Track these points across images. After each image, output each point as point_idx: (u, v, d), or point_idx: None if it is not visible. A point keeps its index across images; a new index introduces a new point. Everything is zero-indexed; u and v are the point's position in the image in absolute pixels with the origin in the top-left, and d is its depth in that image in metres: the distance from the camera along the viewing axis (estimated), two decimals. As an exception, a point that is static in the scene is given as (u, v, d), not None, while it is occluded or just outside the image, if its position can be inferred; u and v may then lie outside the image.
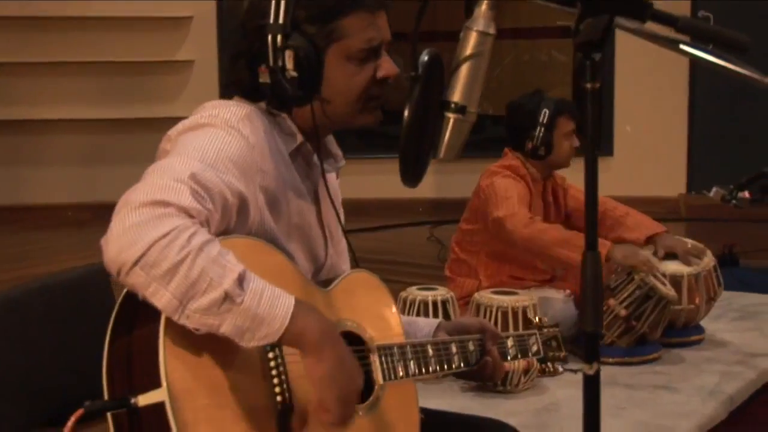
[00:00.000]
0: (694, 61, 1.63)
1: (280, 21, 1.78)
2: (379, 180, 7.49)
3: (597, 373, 1.49)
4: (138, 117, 7.76)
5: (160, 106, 7.75)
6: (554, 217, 4.14)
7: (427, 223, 7.56)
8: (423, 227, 7.50)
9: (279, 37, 1.78)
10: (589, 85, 1.44)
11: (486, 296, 3.52)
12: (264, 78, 1.81)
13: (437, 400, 3.14)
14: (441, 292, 3.58)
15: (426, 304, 3.52)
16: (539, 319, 2.39)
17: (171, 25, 7.95)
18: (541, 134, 3.95)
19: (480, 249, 4.03)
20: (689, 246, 3.98)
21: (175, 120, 1.84)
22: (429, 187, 7.72)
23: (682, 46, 1.63)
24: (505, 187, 3.89)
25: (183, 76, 7.99)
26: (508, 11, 9.31)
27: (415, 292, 3.56)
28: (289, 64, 1.79)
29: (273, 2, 1.79)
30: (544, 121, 3.95)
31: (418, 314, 3.48)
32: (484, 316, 3.42)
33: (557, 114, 3.97)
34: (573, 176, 4.36)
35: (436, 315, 3.48)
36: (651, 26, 1.57)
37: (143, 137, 7.33)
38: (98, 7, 7.78)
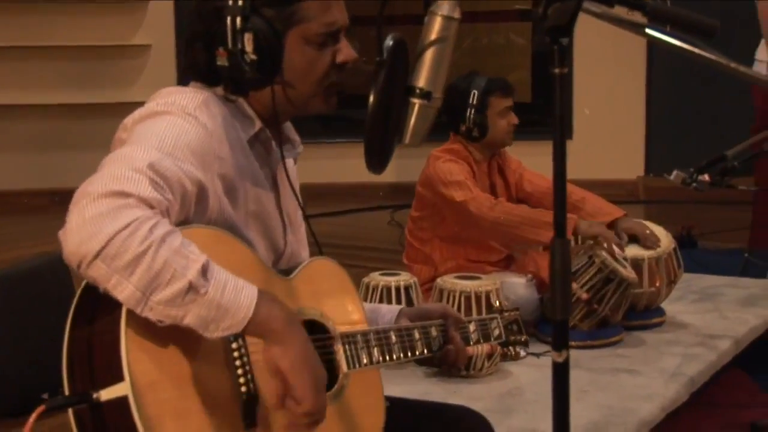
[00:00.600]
0: (653, 44, 1.62)
1: (240, 3, 1.76)
2: (340, 164, 7.48)
3: (566, 361, 1.48)
4: (94, 102, 7.69)
5: (116, 91, 7.68)
6: (503, 196, 4.12)
7: (387, 207, 7.56)
8: (383, 211, 7.50)
9: (238, 20, 1.75)
10: (557, 70, 1.42)
11: (449, 281, 3.51)
12: (222, 61, 1.78)
13: (400, 386, 3.14)
14: (404, 278, 3.57)
15: (389, 289, 3.50)
16: (500, 303, 2.39)
17: (127, 10, 7.87)
18: (472, 116, 3.92)
19: (432, 235, 4.03)
20: (648, 231, 4.00)
21: (132, 105, 1.81)
22: (389, 171, 7.56)
23: (648, 30, 1.63)
24: (449, 171, 3.88)
25: (140, 60, 7.92)
26: (466, -5, 9.27)
27: (377, 278, 3.55)
28: (249, 47, 1.76)
29: None
30: (474, 102, 3.92)
31: (380, 300, 3.47)
32: (447, 302, 3.42)
33: (487, 93, 3.94)
34: (530, 160, 4.37)
35: (399, 300, 3.47)
36: (617, 10, 1.56)
37: (100, 122, 7.25)
38: (53, -10, 7.69)
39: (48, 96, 7.79)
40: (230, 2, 1.76)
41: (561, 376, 1.50)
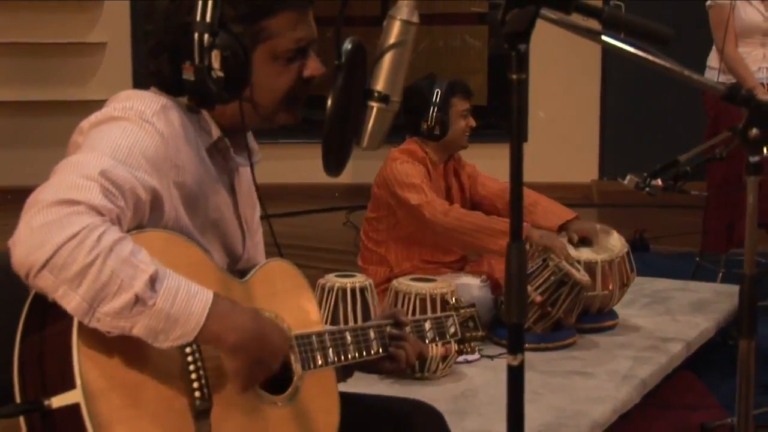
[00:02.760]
0: (609, 50, 1.65)
1: (208, 19, 1.72)
2: (296, 165, 7.47)
3: (521, 364, 1.50)
4: (49, 99, 7.61)
5: (72, 89, 7.61)
6: (458, 199, 4.15)
7: (343, 208, 7.56)
8: (339, 212, 7.50)
9: (206, 36, 1.73)
10: (515, 76, 1.43)
11: (404, 283, 3.52)
12: (188, 75, 1.75)
13: (354, 387, 3.11)
14: (359, 279, 3.57)
15: (344, 291, 3.50)
16: (456, 299, 2.40)
17: (83, 7, 7.81)
18: (434, 114, 3.95)
19: (387, 237, 4.04)
20: (597, 228, 4.04)
21: (88, 103, 1.80)
22: (345, 172, 7.58)
23: (604, 38, 1.65)
24: (405, 173, 3.89)
25: (95, 58, 7.85)
26: (423, -3, 9.31)
27: (333, 279, 3.55)
28: (216, 64, 1.73)
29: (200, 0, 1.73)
30: (437, 101, 3.95)
31: (336, 301, 3.46)
32: (402, 304, 3.43)
33: (450, 94, 3.98)
34: (485, 162, 4.39)
35: (354, 302, 3.47)
36: (573, 17, 1.58)
37: (55, 120, 7.20)
38: (8, -13, 7.61)
39: (2, 93, 7.70)
40: (198, 18, 1.73)
41: (516, 379, 1.51)
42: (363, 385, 3.26)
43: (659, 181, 3.62)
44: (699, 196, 4.96)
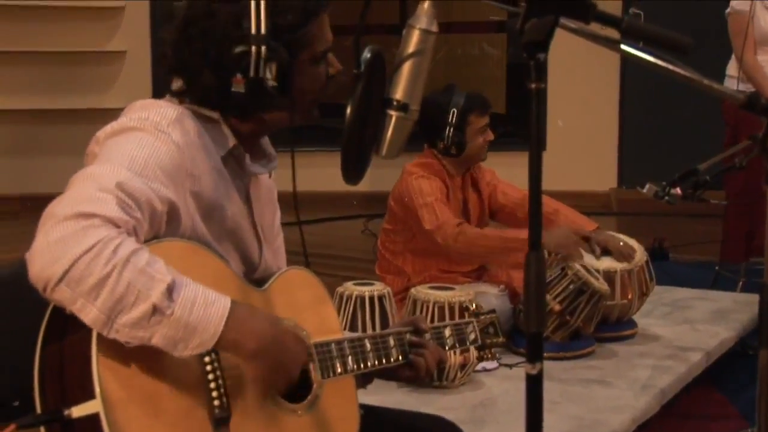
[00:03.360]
0: (628, 58, 1.65)
1: (262, 31, 1.75)
2: (314, 173, 7.44)
3: (540, 373, 1.49)
4: (69, 108, 7.64)
5: (91, 97, 7.64)
6: (475, 211, 4.14)
7: (361, 216, 7.56)
8: (357, 220, 7.50)
9: (263, 48, 1.75)
10: (534, 85, 1.43)
11: (423, 291, 3.53)
12: (238, 87, 1.77)
13: (373, 396, 3.12)
14: (377, 287, 3.58)
15: (362, 299, 3.50)
16: (475, 305, 2.40)
17: (103, 15, 7.83)
18: (451, 134, 3.92)
19: (404, 248, 4.04)
20: (621, 243, 4.02)
21: (107, 111, 1.81)
22: (363, 180, 7.67)
23: (623, 47, 1.65)
24: (420, 190, 3.87)
25: (115, 66, 7.88)
26: (441, 6, 9.31)
27: (351, 287, 3.55)
28: (270, 75, 1.76)
29: (253, 12, 1.74)
30: (453, 121, 3.91)
31: (354, 309, 3.47)
32: (421, 312, 3.43)
33: (467, 111, 3.93)
34: (504, 171, 4.38)
35: (372, 310, 3.47)
36: (593, 26, 1.58)
37: (74, 128, 7.22)
38: (29, -5, 7.65)
39: (22, 101, 7.74)
40: (253, 30, 1.75)
41: (534, 388, 1.51)
42: (382, 393, 3.27)
43: (678, 190, 3.61)
44: (718, 205, 4.94)
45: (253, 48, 1.75)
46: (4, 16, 7.63)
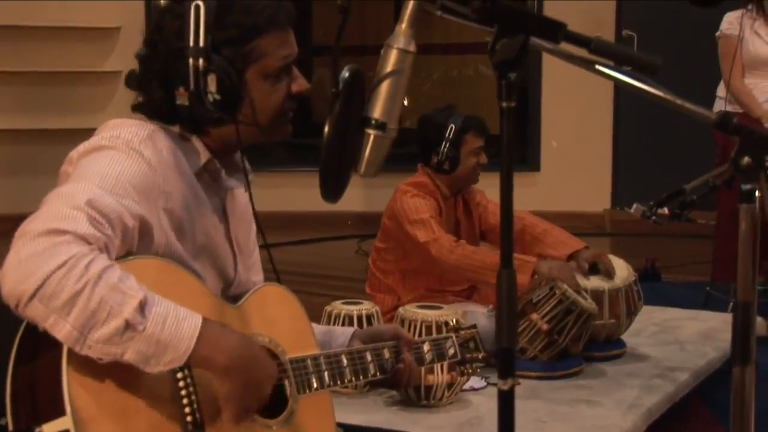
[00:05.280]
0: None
1: (201, 44, 1.77)
2: (308, 193, 7.45)
3: (512, 389, 1.50)
4: (65, 128, 7.67)
5: (87, 117, 7.66)
6: (466, 233, 4.16)
7: (355, 236, 7.58)
8: (351, 240, 7.52)
9: (201, 60, 1.77)
10: (504, 104, 1.45)
11: (410, 310, 3.53)
12: (182, 100, 1.79)
13: (360, 414, 3.15)
14: (366, 307, 3.58)
15: (351, 318, 3.51)
16: (456, 320, 2.41)
17: (99, 36, 7.88)
18: (446, 149, 3.96)
19: (395, 267, 4.06)
20: (606, 257, 4.05)
21: (103, 131, 1.82)
22: (357, 200, 7.74)
23: (598, 67, 1.67)
24: (414, 208, 3.91)
25: (111, 86, 7.92)
26: (438, 27, 9.41)
27: (339, 306, 3.56)
28: (212, 87, 1.78)
29: (192, 25, 1.77)
30: (450, 137, 3.96)
31: (342, 328, 3.47)
32: (409, 331, 3.42)
33: (464, 130, 3.98)
34: (495, 192, 4.34)
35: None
36: (572, 48, 1.60)
37: (70, 148, 7.17)
38: (26, 16, 7.68)
39: (18, 121, 7.77)
40: (191, 43, 1.77)
41: (507, 404, 1.52)
42: (369, 411, 3.28)
43: (666, 210, 3.63)
44: (711, 226, 4.96)
45: (191, 61, 1.76)
46: (1, 36, 7.67)
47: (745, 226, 1.69)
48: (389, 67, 1.75)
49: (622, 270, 4.05)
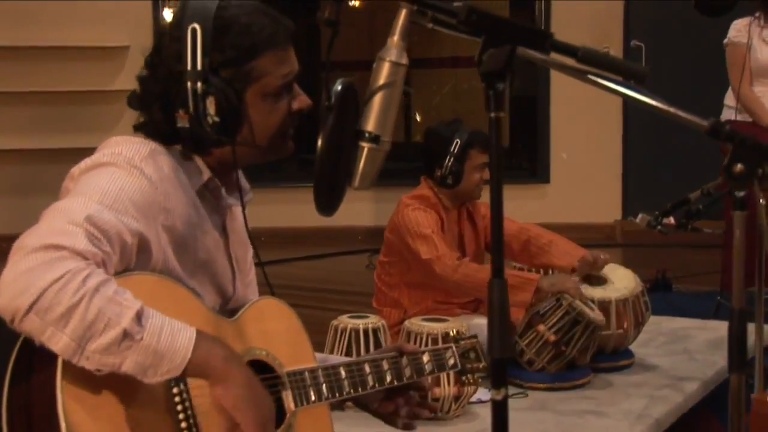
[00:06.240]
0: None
1: (198, 67, 1.77)
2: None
3: (505, 399, 1.51)
4: (74, 147, 7.69)
5: (96, 136, 7.62)
6: (470, 244, 4.16)
7: (365, 251, 7.58)
8: (362, 255, 7.52)
9: (199, 84, 1.77)
10: (493, 115, 1.46)
11: (416, 323, 3.53)
12: (183, 122, 1.80)
13: (363, 428, 3.14)
14: (372, 320, 3.58)
15: (357, 332, 3.51)
16: (457, 331, 2.40)
17: (108, 55, 7.92)
18: (450, 163, 3.96)
19: (399, 281, 4.06)
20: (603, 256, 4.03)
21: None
22: (367, 215, 7.74)
23: (590, 76, 1.67)
24: (417, 222, 3.90)
25: (120, 105, 7.88)
26: (447, 41, 9.43)
27: (345, 320, 3.56)
28: (211, 110, 1.78)
29: (189, 47, 1.77)
30: (455, 151, 3.96)
31: (349, 342, 3.48)
32: (415, 344, 3.43)
33: (469, 145, 3.98)
34: (506, 203, 4.38)
35: (367, 343, 3.48)
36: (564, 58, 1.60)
37: (79, 167, 7.27)
38: (34, 36, 7.74)
39: (27, 141, 7.82)
40: (189, 67, 1.78)
41: (500, 414, 1.52)
42: (372, 425, 3.27)
43: (671, 220, 3.63)
44: (717, 235, 4.94)
45: (189, 84, 1.77)
46: (10, 56, 7.72)
47: (738, 233, 1.69)
48: (382, 80, 1.75)
49: (630, 280, 4.04)
